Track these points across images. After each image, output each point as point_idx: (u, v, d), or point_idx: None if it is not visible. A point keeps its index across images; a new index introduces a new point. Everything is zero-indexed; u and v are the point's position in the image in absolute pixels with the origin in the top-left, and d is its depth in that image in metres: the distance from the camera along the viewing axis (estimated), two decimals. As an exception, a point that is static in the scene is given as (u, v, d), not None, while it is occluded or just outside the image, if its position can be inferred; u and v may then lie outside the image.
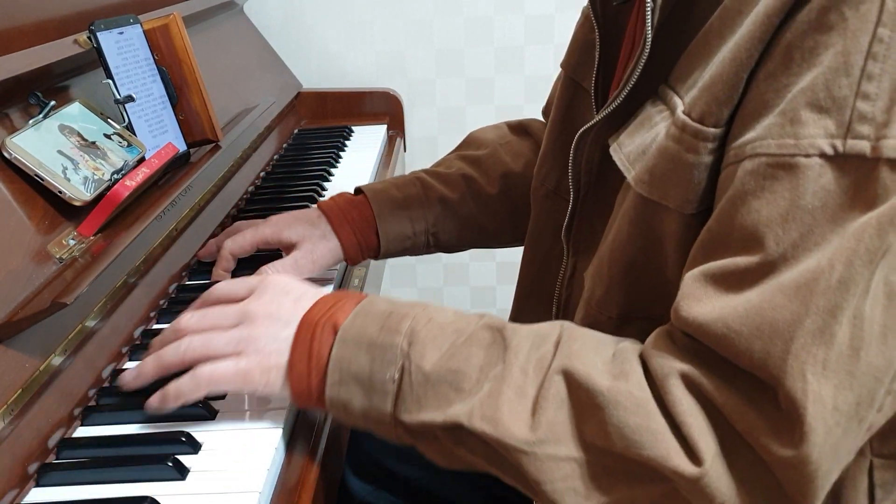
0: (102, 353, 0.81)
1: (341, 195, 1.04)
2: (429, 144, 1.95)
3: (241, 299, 0.74)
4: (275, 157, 1.50)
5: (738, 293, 0.58)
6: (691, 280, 0.61)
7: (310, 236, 0.98)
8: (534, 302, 0.96)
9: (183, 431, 0.71)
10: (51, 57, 0.90)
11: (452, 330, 0.67)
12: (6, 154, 0.79)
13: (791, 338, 0.56)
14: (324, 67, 1.90)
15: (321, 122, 1.77)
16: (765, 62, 0.60)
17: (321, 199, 1.29)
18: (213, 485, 0.66)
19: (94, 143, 0.90)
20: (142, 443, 0.71)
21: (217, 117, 1.12)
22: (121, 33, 1.00)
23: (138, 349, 0.86)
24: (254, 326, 0.70)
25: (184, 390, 0.70)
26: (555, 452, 0.61)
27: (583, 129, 0.78)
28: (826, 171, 0.56)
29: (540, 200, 0.94)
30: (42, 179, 0.81)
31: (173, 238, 1.02)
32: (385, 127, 1.73)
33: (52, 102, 0.87)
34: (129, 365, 0.84)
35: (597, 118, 0.76)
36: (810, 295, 0.56)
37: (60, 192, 0.82)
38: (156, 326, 0.91)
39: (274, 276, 0.76)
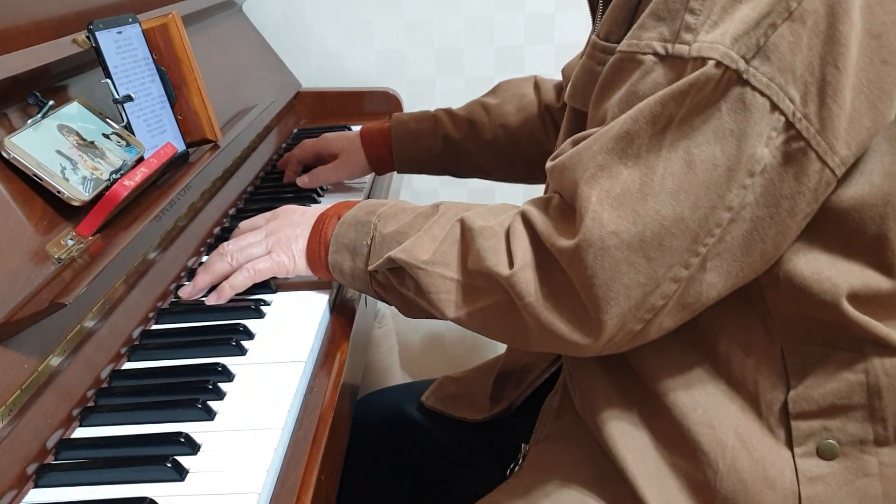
0: (101, 354, 0.81)
1: (378, 122, 1.33)
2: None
3: (262, 226, 0.98)
4: (274, 156, 1.50)
5: (577, 146, 0.76)
6: (563, 145, 0.79)
7: (347, 149, 1.30)
8: None
9: (182, 432, 0.71)
10: (49, 56, 0.90)
11: (411, 210, 0.88)
12: (5, 154, 0.79)
13: (586, 168, 0.73)
14: (323, 67, 1.90)
15: (321, 121, 1.77)
16: None
17: (321, 198, 1.29)
18: (212, 486, 0.66)
19: (92, 142, 0.90)
20: (141, 443, 0.71)
21: (216, 117, 1.12)
22: (119, 33, 0.99)
23: (137, 350, 0.86)
24: (278, 234, 0.95)
25: (236, 282, 0.93)
26: (442, 272, 0.81)
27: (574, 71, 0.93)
28: (658, 67, 0.71)
29: None
30: (41, 179, 0.80)
31: (172, 238, 1.01)
32: (385, 127, 1.73)
33: (51, 102, 0.87)
34: (129, 366, 0.84)
35: (581, 60, 0.90)
36: (605, 139, 0.72)
37: (59, 191, 0.81)
38: (154, 327, 0.90)
39: (283, 207, 1.00)
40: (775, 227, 0.70)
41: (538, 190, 1.02)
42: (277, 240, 0.94)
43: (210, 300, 0.93)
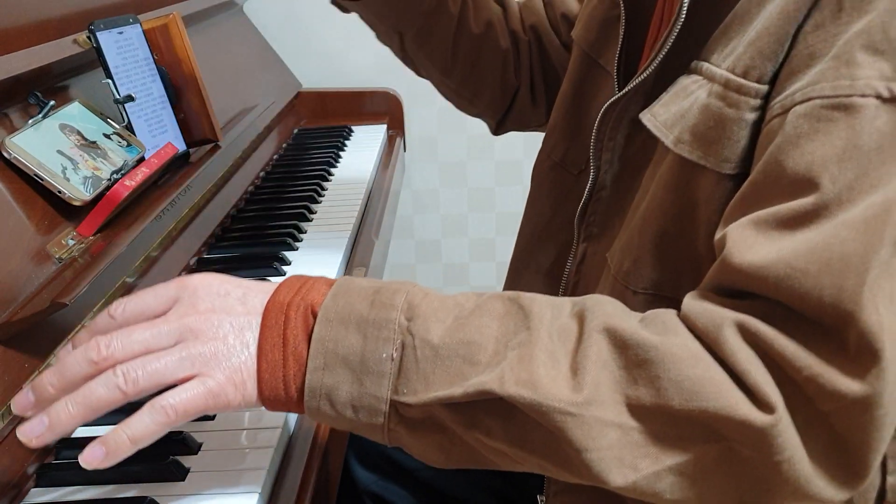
0: (102, 354, 0.81)
1: None
2: (429, 144, 1.95)
3: (160, 314, 0.61)
4: (274, 156, 1.50)
5: (795, 235, 0.56)
6: (738, 229, 0.58)
7: None
8: (531, 273, 0.95)
9: (182, 432, 0.71)
10: (50, 57, 0.90)
11: (454, 303, 0.61)
12: (6, 154, 0.79)
13: (865, 269, 0.53)
14: (323, 67, 1.90)
15: (321, 121, 1.77)
16: (812, 15, 0.59)
17: (321, 198, 1.29)
18: (212, 485, 0.66)
19: (93, 142, 0.90)
20: (141, 443, 0.71)
21: (217, 117, 1.12)
22: (120, 33, 0.99)
23: (138, 349, 0.86)
24: (204, 340, 0.59)
25: (141, 431, 0.57)
26: (601, 416, 0.56)
27: (609, 102, 0.76)
28: (881, 113, 0.55)
29: (545, 172, 0.93)
30: (41, 179, 0.81)
31: (173, 238, 1.02)
32: (385, 127, 1.73)
33: (52, 102, 0.87)
34: (129, 365, 0.84)
35: (626, 90, 0.74)
36: (883, 226, 0.54)
37: (60, 191, 0.81)
38: (155, 326, 0.90)
39: (196, 277, 0.63)
40: None
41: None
42: (211, 354, 0.58)
43: (92, 461, 0.56)
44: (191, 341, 0.59)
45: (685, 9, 0.67)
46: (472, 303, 0.61)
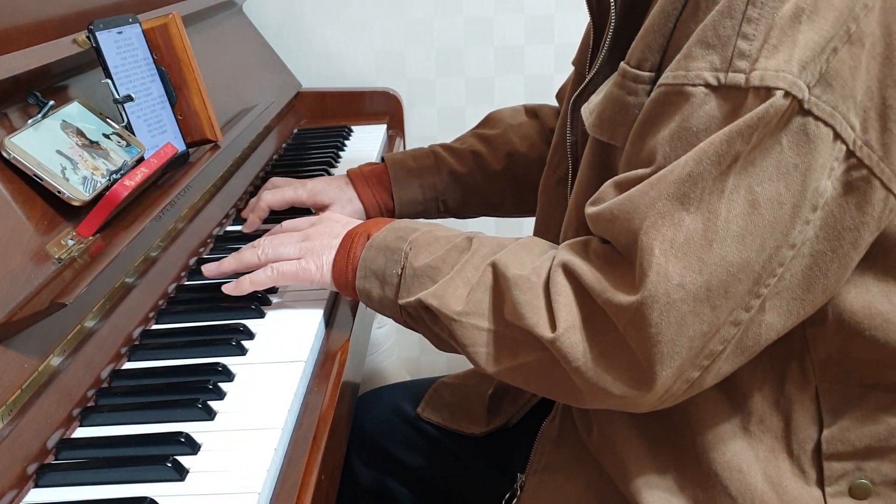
0: (101, 354, 0.81)
1: (367, 164, 1.21)
2: (428, 144, 1.95)
3: (303, 229, 0.94)
4: (274, 156, 1.50)
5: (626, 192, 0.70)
6: (603, 187, 0.73)
7: (339, 199, 1.16)
8: None
9: (182, 432, 0.71)
10: (49, 56, 0.90)
11: (445, 240, 0.83)
12: (5, 154, 0.79)
13: (645, 216, 0.67)
14: (323, 67, 1.90)
15: (321, 121, 1.77)
16: (684, 11, 0.70)
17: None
18: (212, 485, 0.66)
19: (93, 142, 0.90)
20: (141, 443, 0.71)
21: (216, 117, 1.12)
22: (120, 33, 0.99)
23: (137, 350, 0.86)
24: (312, 240, 0.91)
25: (257, 278, 0.90)
26: (477, 323, 0.76)
27: (574, 95, 0.88)
28: (710, 99, 0.66)
29: (551, 188, 0.99)
30: (41, 179, 0.80)
31: (172, 238, 1.01)
32: (385, 127, 1.73)
33: (51, 102, 0.87)
34: (129, 366, 0.84)
35: (583, 84, 0.86)
36: (665, 184, 0.67)
37: (59, 191, 0.81)
38: (155, 327, 0.91)
39: (329, 213, 0.99)
40: (837, 260, 0.67)
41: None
42: (311, 247, 0.90)
43: (227, 288, 0.91)
44: (305, 241, 0.91)
45: (614, 14, 0.79)
46: (453, 241, 0.82)
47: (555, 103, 1.20)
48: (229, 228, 1.18)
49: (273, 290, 0.96)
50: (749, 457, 0.75)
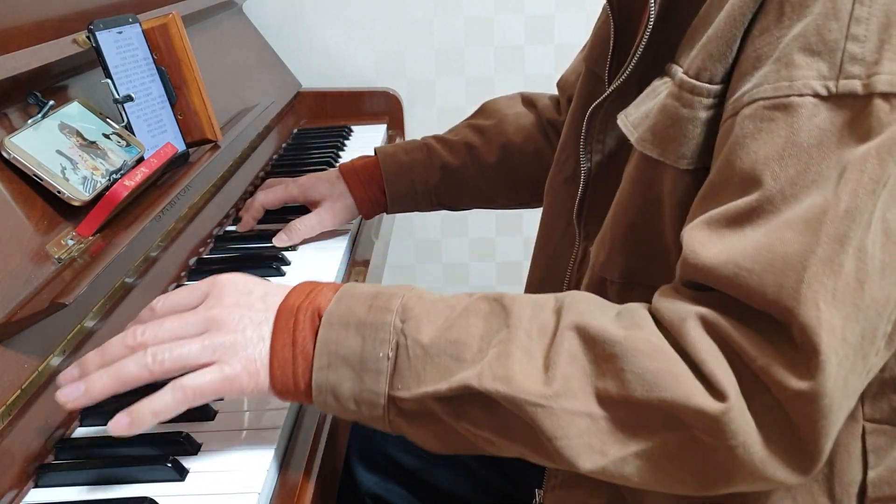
0: (101, 354, 0.81)
1: (359, 158, 1.17)
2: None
3: (194, 307, 0.69)
4: (274, 156, 1.50)
5: (742, 233, 0.60)
6: (694, 229, 0.62)
7: (330, 194, 1.12)
8: (546, 288, 0.97)
9: (182, 432, 0.71)
10: (49, 56, 0.90)
11: (445, 305, 0.66)
12: (5, 154, 0.79)
13: (803, 268, 0.56)
14: (323, 67, 1.90)
15: (321, 121, 1.77)
16: (759, 19, 0.63)
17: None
18: (212, 485, 0.66)
19: (93, 142, 0.90)
20: (141, 443, 0.71)
21: (216, 117, 1.12)
22: (120, 33, 0.99)
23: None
24: (226, 331, 0.66)
25: (162, 406, 0.64)
26: (570, 407, 0.60)
27: (594, 104, 0.80)
28: (820, 110, 0.58)
29: (558, 186, 0.96)
30: (41, 179, 0.80)
31: (172, 238, 1.01)
32: (385, 127, 1.73)
33: (51, 102, 0.87)
34: (129, 365, 0.83)
35: (608, 91, 0.79)
36: (819, 225, 0.57)
37: (59, 192, 0.81)
38: (155, 326, 0.90)
39: (225, 276, 0.71)
40: None
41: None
42: (230, 343, 0.65)
43: (117, 429, 0.64)
44: (214, 331, 0.66)
45: (654, 15, 0.72)
46: (462, 304, 0.66)
47: (554, 92, 1.18)
48: (229, 228, 1.18)
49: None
50: (786, 498, 0.68)
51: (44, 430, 0.70)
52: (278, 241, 1.10)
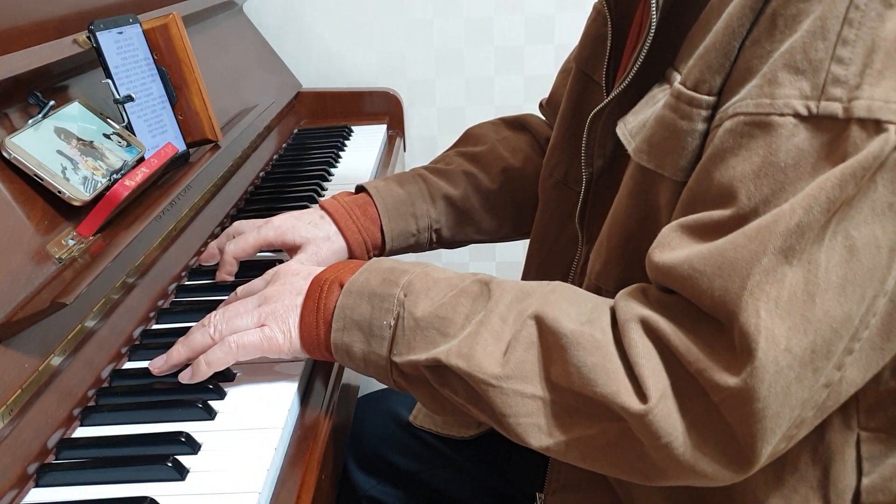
0: (102, 354, 0.81)
1: (343, 194, 1.03)
2: (429, 144, 1.95)
3: (262, 290, 0.80)
4: (274, 156, 1.50)
5: (708, 241, 0.61)
6: (667, 231, 0.64)
7: (314, 238, 0.96)
8: None
9: (182, 432, 0.71)
10: (50, 57, 0.90)
11: (446, 284, 0.72)
12: (5, 154, 0.79)
13: (748, 275, 0.58)
14: (323, 67, 1.90)
15: (321, 121, 1.77)
16: (752, 31, 0.62)
17: (321, 198, 1.29)
18: (212, 485, 0.66)
19: (93, 142, 0.90)
20: (141, 443, 0.71)
21: (216, 117, 1.12)
22: (120, 33, 0.99)
23: (138, 349, 0.86)
24: (272, 303, 0.77)
25: (212, 358, 0.76)
26: (521, 389, 0.65)
27: (594, 111, 0.80)
28: (799, 130, 0.59)
29: (549, 190, 0.95)
30: (41, 179, 0.80)
31: (173, 238, 1.02)
32: (385, 127, 1.73)
33: (52, 102, 0.87)
34: (129, 365, 0.84)
35: (607, 99, 0.78)
36: (769, 235, 0.58)
37: (60, 192, 0.81)
38: (155, 326, 0.91)
39: (284, 264, 0.83)
40: None
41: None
42: (272, 311, 0.76)
43: (183, 378, 0.77)
44: (263, 305, 0.77)
45: (655, 20, 0.71)
46: (460, 285, 0.72)
47: (536, 113, 1.14)
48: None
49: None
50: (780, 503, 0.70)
51: (44, 430, 0.70)
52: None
